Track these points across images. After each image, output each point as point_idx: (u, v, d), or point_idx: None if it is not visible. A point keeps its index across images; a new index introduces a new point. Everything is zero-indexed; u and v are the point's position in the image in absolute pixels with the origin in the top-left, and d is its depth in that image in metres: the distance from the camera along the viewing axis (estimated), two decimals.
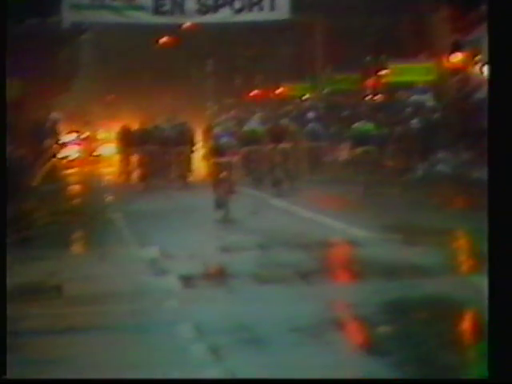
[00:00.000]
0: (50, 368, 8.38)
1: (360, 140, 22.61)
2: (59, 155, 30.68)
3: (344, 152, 29.52)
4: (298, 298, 10.92)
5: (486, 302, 10.11)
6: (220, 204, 18.51)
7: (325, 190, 23.58)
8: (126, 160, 29.04)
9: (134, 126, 29.58)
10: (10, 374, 7.46)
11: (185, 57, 45.15)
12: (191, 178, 27.01)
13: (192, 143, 27.43)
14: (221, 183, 18.76)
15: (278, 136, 24.15)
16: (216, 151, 19.06)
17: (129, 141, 28.29)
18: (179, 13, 28.88)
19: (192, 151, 27.40)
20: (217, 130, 20.22)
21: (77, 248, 15.93)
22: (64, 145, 32.42)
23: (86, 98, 48.91)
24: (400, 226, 16.27)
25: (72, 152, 36.66)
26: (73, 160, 36.09)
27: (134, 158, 28.26)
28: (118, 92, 47.62)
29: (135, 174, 28.42)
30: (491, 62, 6.62)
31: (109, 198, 24.60)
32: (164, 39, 41.66)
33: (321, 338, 8.97)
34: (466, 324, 9.79)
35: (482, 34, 28.57)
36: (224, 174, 18.86)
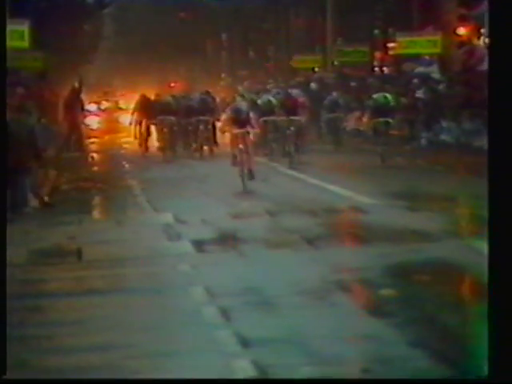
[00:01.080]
0: (70, 329, 8.40)
1: (379, 111, 22.02)
2: (81, 125, 30.47)
3: (354, 122, 29.33)
4: (305, 261, 10.91)
5: (485, 264, 10.16)
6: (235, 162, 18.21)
7: (335, 159, 23.46)
8: (146, 129, 28.51)
9: (154, 96, 28.99)
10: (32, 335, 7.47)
11: (201, 31, 45.00)
12: (215, 149, 25.76)
13: (216, 113, 25.70)
14: (239, 154, 18.14)
15: (290, 108, 23.24)
16: (234, 122, 18.38)
17: (149, 110, 27.43)
18: None
19: (215, 122, 25.60)
20: (235, 101, 19.72)
21: (95, 214, 15.94)
22: (85, 115, 32.17)
23: (106, 70, 48.85)
24: (404, 193, 16.22)
25: (93, 122, 36.54)
26: (94, 130, 35.99)
27: (157, 128, 27.24)
28: (138, 64, 47.54)
29: (157, 144, 27.53)
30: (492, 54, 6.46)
31: (127, 166, 24.58)
32: (182, 14, 41.55)
33: (326, 300, 8.96)
34: (466, 286, 9.77)
35: (486, 8, 28.37)
36: (242, 145, 18.19)
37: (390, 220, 13.46)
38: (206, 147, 25.69)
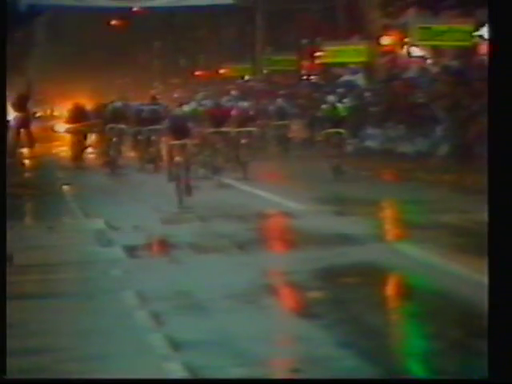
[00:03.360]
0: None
1: (330, 121, 20.59)
2: (25, 131, 29.85)
3: (300, 132, 28.93)
4: (235, 266, 10.90)
5: (410, 266, 10.28)
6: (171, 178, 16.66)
7: (270, 166, 23.24)
8: (81, 138, 27.45)
9: (91, 104, 28.22)
10: None
11: (134, 39, 44.80)
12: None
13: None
14: (175, 168, 16.56)
15: (219, 118, 21.07)
16: (171, 132, 16.87)
17: (83, 119, 26.29)
18: None
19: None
20: (175, 111, 18.43)
21: (27, 220, 15.74)
22: (24, 123, 31.50)
23: (39, 77, 48.27)
24: (331, 198, 16.34)
25: (59, 127, 35.68)
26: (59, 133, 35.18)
27: (104, 137, 25.40)
28: (70, 72, 47.09)
29: (101, 153, 26.25)
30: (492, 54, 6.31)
31: (60, 174, 24.29)
32: (115, 22, 41.33)
33: (256, 304, 8.97)
34: (391, 287, 9.87)
35: (409, 18, 28.76)
36: (179, 157, 16.61)
37: (318, 225, 13.53)
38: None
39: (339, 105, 21.19)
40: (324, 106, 21.37)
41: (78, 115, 26.54)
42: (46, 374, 7.03)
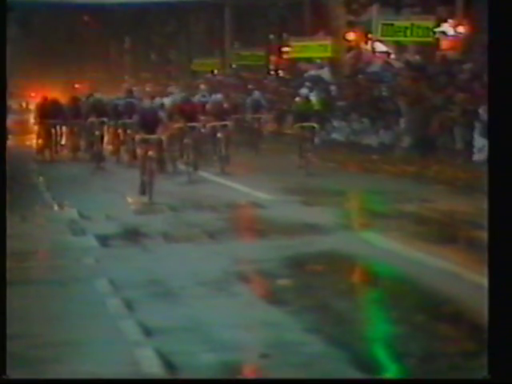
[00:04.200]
0: None
1: (303, 115, 19.50)
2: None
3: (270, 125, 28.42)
4: (206, 254, 10.86)
5: (374, 254, 10.29)
6: (144, 189, 15.49)
7: (240, 159, 22.70)
8: (53, 131, 25.95)
9: (64, 97, 27.65)
10: None
11: (106, 34, 44.58)
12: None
13: None
14: (147, 162, 15.64)
15: (188, 113, 19.20)
16: (141, 126, 15.92)
17: (57, 111, 25.40)
18: None
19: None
20: (144, 104, 17.28)
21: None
22: None
23: (13, 72, 47.83)
24: (299, 189, 16.33)
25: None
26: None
27: (84, 130, 24.38)
28: (43, 66, 46.76)
29: (82, 147, 25.28)
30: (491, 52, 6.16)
31: (33, 165, 24.07)
32: (86, 17, 41.05)
33: (227, 291, 8.94)
34: (357, 274, 9.87)
35: (372, 15, 28.85)
36: (151, 152, 15.71)
37: (286, 214, 13.52)
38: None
39: (312, 98, 20.29)
40: (297, 100, 20.38)
41: (50, 108, 25.74)
42: (20, 359, 6.95)
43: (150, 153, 15.69)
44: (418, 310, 8.06)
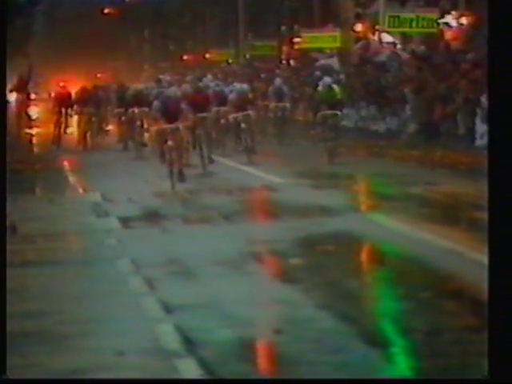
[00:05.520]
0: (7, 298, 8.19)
1: (326, 103, 18.53)
2: (26, 112, 29.16)
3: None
4: (221, 235, 10.85)
5: (381, 235, 10.27)
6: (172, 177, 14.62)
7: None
8: (87, 119, 24.19)
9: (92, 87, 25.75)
10: None
11: (126, 26, 44.60)
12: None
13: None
14: (167, 152, 14.82)
15: (199, 103, 17.63)
16: (163, 114, 14.96)
17: (92, 101, 24.16)
18: None
19: None
20: (168, 92, 16.04)
21: (29, 193, 15.61)
22: (28, 104, 30.66)
23: (38, 63, 47.91)
24: (309, 173, 16.28)
25: (33, 112, 34.97)
26: (34, 119, 34.52)
27: (125, 120, 22.80)
28: (67, 57, 46.80)
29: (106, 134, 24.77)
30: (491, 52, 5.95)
31: (57, 150, 24.05)
32: (108, 10, 41.11)
33: (242, 270, 8.93)
34: (365, 254, 9.86)
35: (379, 7, 28.71)
36: (171, 141, 14.78)
37: (297, 197, 13.49)
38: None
39: (335, 86, 19.10)
40: (320, 88, 19.27)
41: (85, 98, 24.62)
42: (47, 335, 6.97)
43: (170, 143, 14.83)
44: (424, 287, 8.03)
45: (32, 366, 6.27)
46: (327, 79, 19.90)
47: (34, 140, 27.60)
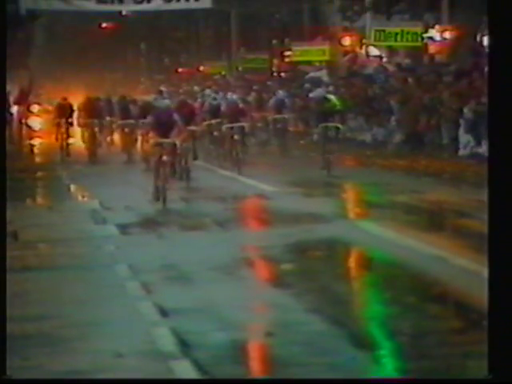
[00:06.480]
0: (8, 301, 8.17)
1: (326, 115, 17.56)
2: (26, 123, 28.96)
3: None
4: (215, 241, 10.84)
5: (369, 241, 10.29)
6: (158, 196, 13.78)
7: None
8: (93, 131, 23.39)
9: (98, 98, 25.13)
10: None
11: (122, 39, 44.61)
12: None
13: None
14: (161, 167, 13.93)
15: (185, 115, 16.18)
16: (157, 129, 14.14)
17: (96, 112, 23.38)
18: (118, 2, 28.89)
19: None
20: (160, 104, 15.30)
21: (29, 201, 15.58)
22: (27, 115, 30.42)
23: (39, 74, 47.85)
24: (300, 182, 16.28)
25: (35, 123, 34.59)
26: (36, 130, 34.16)
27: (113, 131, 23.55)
28: (66, 69, 46.78)
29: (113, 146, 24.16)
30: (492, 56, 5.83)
31: (57, 160, 23.97)
32: (105, 24, 41.16)
33: (235, 275, 8.93)
34: (353, 260, 9.87)
35: (365, 22, 28.83)
36: (165, 156, 13.99)
37: (288, 205, 13.49)
38: None
39: (331, 97, 18.09)
40: (315, 99, 18.58)
41: (89, 109, 23.70)
42: (47, 338, 6.96)
43: (165, 157, 13.99)
44: (409, 292, 8.05)
45: (32, 367, 6.26)
46: (319, 90, 19.52)
47: (36, 150, 27.52)
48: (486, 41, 24.49)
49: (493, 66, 5.83)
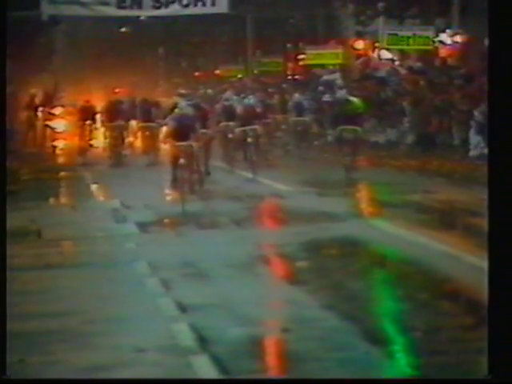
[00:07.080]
0: (32, 298, 8.23)
1: (346, 117, 16.79)
2: (49, 125, 29.06)
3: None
4: (232, 239, 10.86)
5: (382, 239, 10.28)
6: (175, 185, 13.82)
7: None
8: (117, 134, 22.98)
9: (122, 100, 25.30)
10: None
11: (141, 43, 44.74)
12: None
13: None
14: (179, 170, 13.85)
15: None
16: (176, 132, 13.92)
17: (119, 114, 22.94)
18: (137, 7, 29.11)
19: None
20: (178, 107, 14.79)
21: (53, 200, 15.64)
22: (50, 118, 30.51)
23: (60, 78, 48.05)
24: (315, 181, 16.27)
25: (59, 125, 34.60)
26: (60, 132, 34.11)
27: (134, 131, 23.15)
28: (87, 72, 46.94)
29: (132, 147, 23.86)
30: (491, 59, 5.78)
31: (80, 161, 24.02)
32: (123, 29, 41.36)
33: (251, 272, 8.94)
34: (367, 257, 9.85)
35: (378, 26, 28.81)
36: (183, 160, 13.83)
37: (303, 204, 13.48)
38: None
39: (354, 99, 17.23)
40: (337, 101, 17.84)
41: (112, 111, 23.25)
42: (69, 334, 6.99)
43: (182, 161, 13.86)
44: (422, 289, 8.03)
45: (55, 362, 6.29)
46: (341, 92, 18.75)
47: (59, 151, 27.60)
48: None
49: (493, 67, 5.78)
